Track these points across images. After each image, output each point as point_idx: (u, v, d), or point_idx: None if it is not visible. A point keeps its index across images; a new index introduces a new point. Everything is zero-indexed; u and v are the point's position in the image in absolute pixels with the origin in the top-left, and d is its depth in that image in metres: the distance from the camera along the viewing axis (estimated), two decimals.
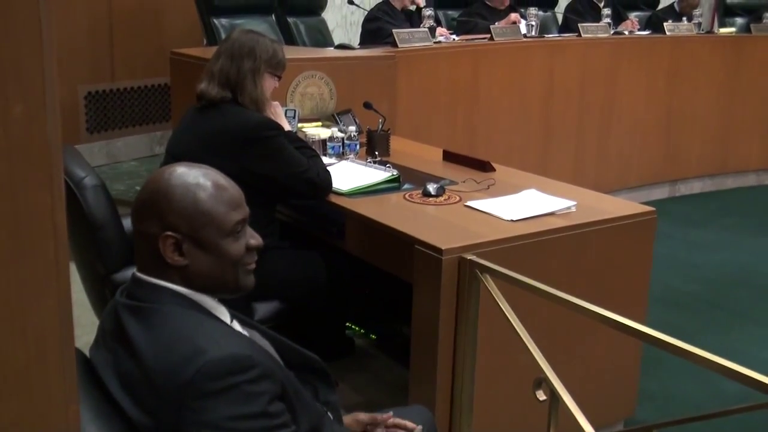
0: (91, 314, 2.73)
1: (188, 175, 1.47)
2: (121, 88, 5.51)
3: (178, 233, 1.43)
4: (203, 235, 1.45)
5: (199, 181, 1.47)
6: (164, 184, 1.45)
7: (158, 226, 1.43)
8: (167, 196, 1.44)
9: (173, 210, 1.44)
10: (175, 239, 1.43)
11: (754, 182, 6.59)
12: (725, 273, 4.63)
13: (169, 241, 1.43)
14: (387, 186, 2.80)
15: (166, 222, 1.43)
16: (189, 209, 1.44)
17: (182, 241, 1.43)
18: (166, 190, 1.45)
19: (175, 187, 1.45)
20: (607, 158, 5.62)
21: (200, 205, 1.45)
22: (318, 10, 5.70)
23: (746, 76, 6.22)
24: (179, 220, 1.43)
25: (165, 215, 1.43)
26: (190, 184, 1.46)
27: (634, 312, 2.33)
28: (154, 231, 1.43)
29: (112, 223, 2.51)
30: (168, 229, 1.43)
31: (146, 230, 1.45)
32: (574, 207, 2.56)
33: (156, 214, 1.44)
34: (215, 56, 2.72)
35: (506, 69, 4.96)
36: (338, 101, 3.69)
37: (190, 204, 1.44)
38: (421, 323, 2.31)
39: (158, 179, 1.47)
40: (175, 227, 1.43)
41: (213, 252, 1.46)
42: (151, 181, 1.48)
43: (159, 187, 1.45)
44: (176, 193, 1.44)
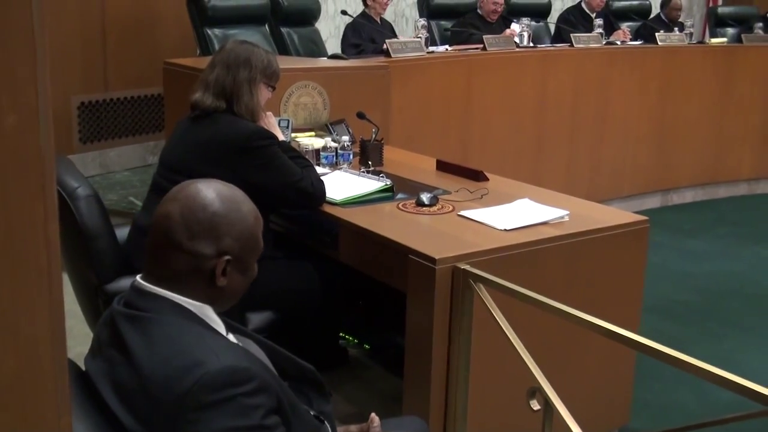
0: (84, 325, 2.72)
1: (237, 198, 1.50)
2: (114, 98, 5.50)
3: (232, 256, 1.46)
4: (248, 258, 1.50)
5: (249, 205, 1.51)
6: (221, 206, 1.46)
7: (213, 248, 1.44)
8: (228, 220, 1.46)
9: (231, 234, 1.46)
10: (227, 262, 1.45)
11: (745, 191, 6.61)
12: (718, 282, 4.64)
13: (223, 265, 1.45)
14: (380, 196, 2.80)
15: (224, 245, 1.45)
16: (245, 235, 1.48)
17: (231, 263, 1.46)
18: (227, 214, 1.46)
19: (233, 212, 1.47)
20: (600, 167, 5.64)
21: (252, 230, 1.50)
22: (311, 20, 5.71)
23: (738, 85, 6.25)
24: (235, 243, 1.46)
25: (222, 239, 1.45)
26: (242, 208, 1.49)
27: (627, 321, 2.33)
28: (207, 252, 1.44)
29: (105, 234, 2.50)
30: (225, 252, 1.45)
31: (195, 249, 1.43)
32: (567, 216, 2.56)
33: (214, 237, 1.44)
34: (210, 66, 2.72)
35: (499, 79, 4.98)
36: (332, 111, 3.69)
37: (246, 230, 1.48)
38: (414, 333, 2.31)
39: (212, 200, 1.46)
40: (230, 250, 1.45)
41: (247, 272, 1.52)
42: (201, 199, 1.46)
43: (216, 208, 1.45)
44: (235, 218, 1.47)
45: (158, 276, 1.45)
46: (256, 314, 2.64)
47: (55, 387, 0.84)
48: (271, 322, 2.67)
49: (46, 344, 0.82)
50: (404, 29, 6.99)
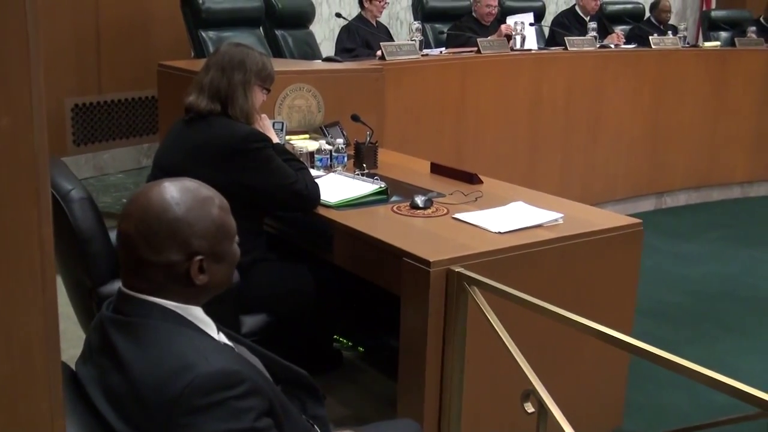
0: (78, 327, 2.71)
1: (189, 194, 1.46)
2: (108, 100, 5.49)
3: (203, 254, 1.44)
4: (221, 248, 1.48)
5: (203, 196, 1.47)
6: (176, 210, 1.42)
7: (183, 253, 1.42)
8: (187, 222, 1.43)
9: (196, 234, 1.43)
10: (200, 261, 1.44)
11: (739, 194, 6.63)
12: (711, 285, 4.65)
13: (197, 265, 1.43)
14: (375, 198, 2.80)
15: (192, 247, 1.43)
16: (209, 228, 1.45)
17: (204, 260, 1.44)
18: (183, 216, 1.43)
19: (189, 211, 1.43)
20: (594, 170, 5.65)
21: (216, 220, 1.47)
22: (306, 23, 5.71)
23: (731, 89, 6.27)
24: (202, 241, 1.44)
25: (189, 241, 1.42)
26: (197, 203, 1.45)
27: (621, 324, 2.33)
28: (178, 258, 1.42)
29: (99, 236, 2.49)
30: (195, 252, 1.43)
31: (165, 260, 1.42)
32: (561, 219, 2.57)
33: (179, 243, 1.42)
34: (204, 69, 2.72)
35: (493, 82, 4.98)
36: (326, 114, 3.69)
37: (209, 223, 1.45)
38: (409, 336, 2.31)
39: (164, 207, 1.43)
40: (199, 249, 1.44)
41: (227, 260, 1.50)
42: (153, 209, 1.43)
43: (172, 215, 1.42)
44: (193, 217, 1.44)
45: (138, 287, 1.44)
46: (250, 317, 2.64)
47: (48, 390, 0.84)
48: (265, 325, 2.67)
49: (40, 347, 0.82)
50: (399, 32, 7.00)
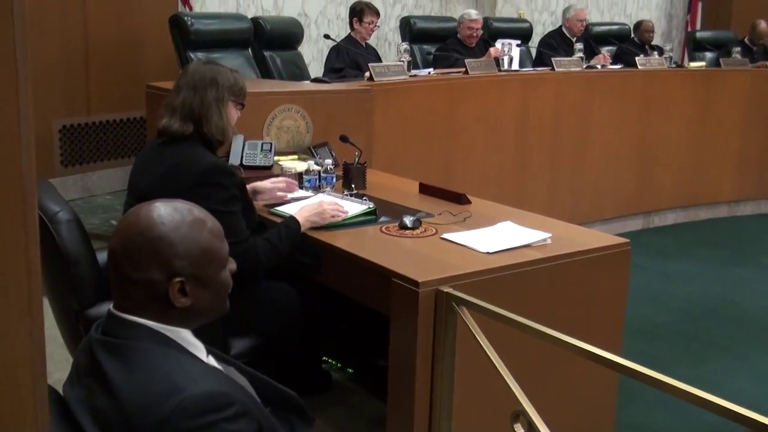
0: (65, 350, 2.69)
1: (178, 215, 1.45)
2: (96, 121, 5.49)
3: (184, 276, 1.42)
4: (206, 272, 1.46)
5: (193, 218, 1.46)
6: (160, 229, 1.42)
7: (163, 273, 1.41)
8: (169, 241, 1.42)
9: (178, 254, 1.42)
10: (181, 283, 1.42)
11: (725, 213, 6.67)
12: (700, 304, 4.66)
13: (177, 287, 1.42)
14: (363, 219, 2.80)
15: (173, 268, 1.42)
16: (194, 251, 1.43)
17: (186, 282, 1.43)
18: (166, 235, 1.42)
19: (173, 231, 1.43)
20: (582, 190, 5.67)
21: (202, 244, 1.45)
22: (294, 44, 5.74)
23: (716, 109, 6.32)
24: (184, 262, 1.42)
25: (170, 261, 1.41)
26: (185, 224, 1.44)
27: (610, 343, 2.33)
28: (158, 278, 1.41)
29: (87, 258, 2.48)
30: (175, 275, 1.42)
31: (146, 278, 1.41)
32: (550, 239, 2.57)
33: (159, 262, 1.41)
34: (175, 90, 2.66)
35: (481, 102, 5.01)
36: (315, 134, 3.70)
37: (194, 245, 1.44)
38: (398, 356, 2.30)
39: (149, 225, 1.42)
40: (180, 271, 1.42)
41: (213, 286, 1.48)
42: (138, 226, 1.43)
43: (155, 233, 1.42)
44: (177, 237, 1.42)
45: (125, 307, 1.44)
46: (239, 339, 2.63)
47: (34, 413, 0.83)
48: (254, 347, 2.66)
49: (27, 369, 0.82)
50: (387, 53, 7.04)
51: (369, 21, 5.60)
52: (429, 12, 7.51)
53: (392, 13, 7.24)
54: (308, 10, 6.71)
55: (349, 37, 5.67)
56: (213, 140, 2.65)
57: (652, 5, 9.17)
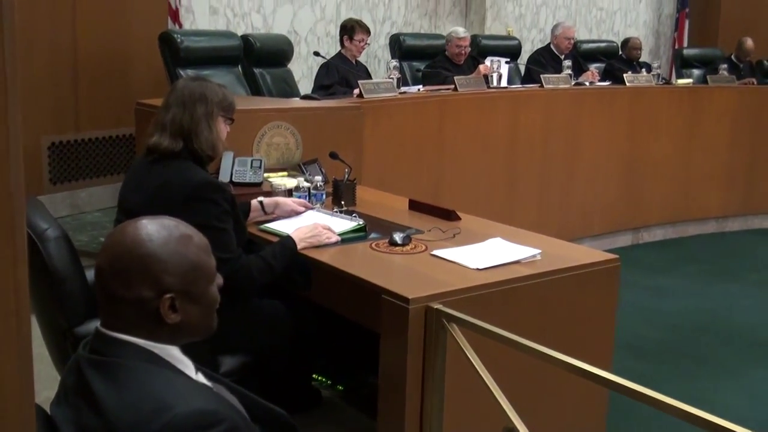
0: (52, 369, 2.67)
1: (165, 231, 1.45)
2: (85, 138, 5.47)
3: (174, 292, 1.42)
4: (195, 288, 1.46)
5: (180, 234, 1.46)
6: (148, 246, 1.42)
7: (153, 290, 1.41)
8: (158, 258, 1.41)
9: (167, 270, 1.42)
10: (171, 299, 1.42)
11: (714, 229, 6.70)
12: (689, 320, 4.68)
13: (167, 303, 1.42)
14: (353, 236, 2.79)
15: (163, 284, 1.41)
16: (183, 266, 1.43)
17: (177, 298, 1.43)
18: (154, 252, 1.42)
19: (161, 247, 1.42)
20: (571, 206, 5.69)
21: (191, 259, 1.45)
22: (284, 61, 5.75)
23: (704, 125, 6.37)
24: (173, 279, 1.42)
25: (160, 278, 1.41)
26: (173, 240, 1.44)
27: (600, 359, 2.33)
28: (148, 295, 1.41)
29: (75, 276, 2.47)
30: (166, 291, 1.42)
31: (136, 295, 1.41)
32: (539, 255, 2.58)
33: (149, 279, 1.41)
34: (164, 108, 2.66)
35: (471, 119, 5.03)
36: (304, 151, 3.70)
37: (183, 261, 1.44)
38: (388, 373, 2.30)
39: (136, 242, 1.42)
40: (170, 287, 1.42)
41: (202, 301, 1.48)
42: (126, 244, 1.43)
43: (144, 250, 1.41)
44: (165, 253, 1.42)
45: (113, 325, 1.43)
46: (228, 357, 2.61)
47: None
48: (243, 365, 2.64)
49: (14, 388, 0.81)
50: (377, 70, 7.06)
51: (360, 39, 5.63)
52: (418, 29, 7.56)
53: (382, 30, 7.28)
54: (298, 28, 6.73)
55: (340, 54, 5.70)
56: (203, 156, 2.65)
57: (640, 23, 9.25)
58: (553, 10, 8.49)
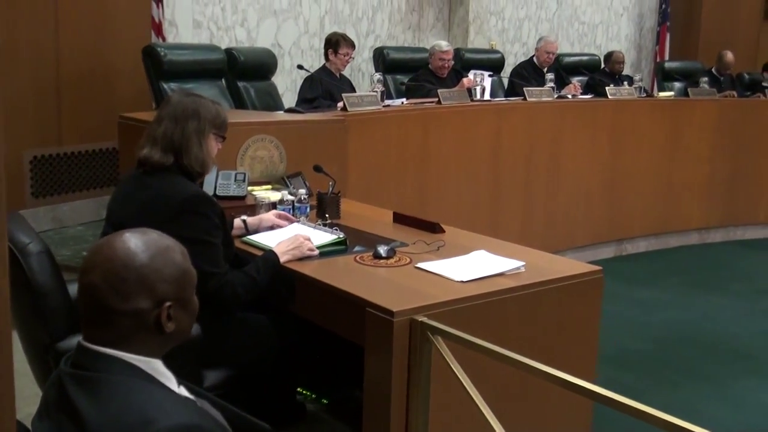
0: (34, 385, 2.65)
1: (153, 242, 1.47)
2: (68, 152, 5.45)
3: (170, 300, 1.44)
4: (187, 294, 1.49)
5: (166, 244, 1.48)
6: (142, 257, 1.43)
7: (151, 300, 1.42)
8: (154, 268, 1.43)
9: (164, 280, 1.43)
10: (169, 307, 1.44)
11: (696, 241, 6.75)
12: (672, 331, 4.70)
13: (166, 312, 1.43)
14: (333, 249, 2.79)
15: (159, 294, 1.43)
16: (175, 275, 1.46)
17: (172, 306, 1.44)
18: (150, 262, 1.43)
19: (154, 257, 1.44)
20: (554, 218, 5.71)
21: (181, 267, 1.48)
22: (268, 74, 5.75)
23: (685, 137, 6.42)
24: (169, 287, 1.44)
25: (157, 288, 1.42)
26: (161, 249, 1.46)
27: (584, 371, 2.34)
28: (146, 306, 1.42)
29: (57, 290, 2.45)
30: (163, 299, 1.43)
31: (134, 308, 1.41)
32: (523, 267, 2.59)
33: (146, 290, 1.42)
34: (156, 121, 2.66)
35: (455, 132, 5.04)
36: (288, 164, 3.70)
37: (175, 269, 1.46)
38: (373, 387, 2.29)
39: (130, 254, 1.43)
40: (166, 296, 1.44)
41: (190, 307, 1.50)
42: (119, 258, 1.43)
43: (139, 262, 1.42)
44: (159, 263, 1.44)
45: (103, 340, 1.43)
46: (212, 371, 2.60)
47: None
48: (227, 379, 2.63)
49: None
50: (360, 83, 7.08)
51: (344, 53, 5.64)
52: (402, 43, 7.59)
53: (365, 43, 7.30)
54: (282, 41, 6.75)
55: (324, 67, 5.71)
56: (192, 172, 2.64)
57: (622, 36, 9.33)
58: (536, 24, 8.56)
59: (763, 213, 6.98)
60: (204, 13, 6.28)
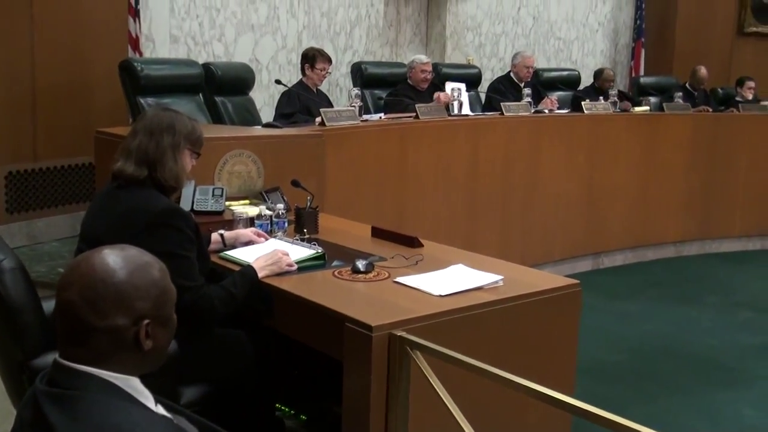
0: (8, 403, 2.62)
1: (131, 258, 1.45)
2: (43, 167, 5.41)
3: (149, 317, 1.42)
4: (165, 312, 1.47)
5: (145, 260, 1.47)
6: (120, 274, 1.41)
7: (129, 317, 1.40)
8: (133, 284, 1.41)
9: (142, 297, 1.42)
10: (147, 325, 1.42)
11: (672, 254, 6.80)
12: (650, 343, 4.72)
13: (144, 329, 1.41)
14: (311, 264, 2.78)
15: (139, 311, 1.41)
16: (154, 292, 1.44)
17: (150, 324, 1.43)
18: (128, 279, 1.41)
19: (132, 274, 1.42)
20: (532, 232, 5.74)
21: (160, 284, 1.46)
22: (245, 89, 5.74)
23: (661, 151, 6.49)
24: (147, 304, 1.42)
25: (135, 305, 1.41)
26: (140, 266, 1.44)
27: (562, 384, 2.34)
28: (124, 323, 1.40)
29: (32, 307, 2.42)
30: (142, 316, 1.41)
31: (111, 325, 1.39)
32: (502, 281, 2.59)
33: (124, 307, 1.40)
34: (131, 134, 2.64)
35: (432, 146, 5.06)
36: (266, 179, 3.69)
37: (153, 286, 1.44)
38: (352, 402, 2.28)
39: (107, 271, 1.41)
40: (145, 313, 1.42)
41: (169, 325, 1.49)
42: (97, 274, 1.41)
43: (117, 278, 1.41)
44: (138, 280, 1.42)
45: (80, 357, 1.41)
46: (189, 388, 2.58)
47: None
48: (205, 395, 2.61)
49: None
50: (338, 98, 7.09)
51: (321, 68, 5.65)
52: (380, 58, 7.62)
53: (343, 59, 7.32)
54: (260, 56, 6.75)
55: (301, 82, 5.71)
56: (166, 186, 2.62)
57: (597, 52, 9.42)
58: (512, 40, 8.62)
59: (738, 226, 7.05)
60: (181, 27, 6.27)
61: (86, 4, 5.60)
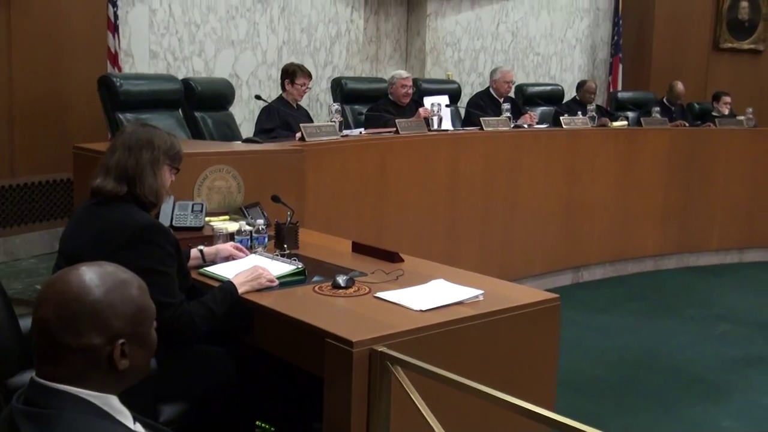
0: None
1: (108, 276, 1.43)
2: (21, 183, 5.36)
3: (124, 336, 1.41)
4: (142, 330, 1.45)
5: (123, 278, 1.45)
6: (95, 292, 1.40)
7: (104, 336, 1.39)
8: (108, 303, 1.39)
9: (117, 315, 1.40)
10: (122, 344, 1.40)
11: (651, 267, 6.84)
12: (630, 356, 4.74)
13: (119, 349, 1.40)
14: (292, 279, 2.78)
15: (114, 330, 1.39)
16: (130, 310, 1.42)
17: (126, 343, 1.41)
18: (104, 297, 1.39)
19: (109, 292, 1.41)
20: (512, 247, 5.75)
21: (137, 302, 1.44)
22: (225, 104, 5.74)
23: (639, 165, 6.54)
24: (122, 323, 1.41)
25: (110, 324, 1.39)
26: (117, 284, 1.43)
27: (542, 398, 2.35)
28: (99, 342, 1.38)
29: (8, 325, 2.40)
30: (117, 336, 1.40)
31: (86, 344, 1.38)
32: (482, 296, 2.60)
33: (99, 325, 1.38)
34: (110, 150, 2.63)
35: (412, 161, 5.07)
36: (246, 194, 3.68)
37: (130, 305, 1.43)
38: (332, 418, 2.27)
39: (83, 289, 1.39)
40: (120, 332, 1.40)
41: (147, 343, 1.47)
42: (72, 292, 1.39)
43: (93, 297, 1.39)
44: (114, 298, 1.40)
45: (56, 376, 1.39)
46: (168, 405, 2.55)
47: None
48: (184, 413, 2.59)
49: None
50: (318, 113, 7.10)
51: (301, 83, 5.65)
52: (360, 73, 7.63)
53: (324, 74, 7.33)
54: (239, 71, 6.75)
55: (281, 98, 5.71)
56: (146, 201, 2.61)
57: (575, 67, 9.49)
58: (492, 55, 8.67)
59: (716, 239, 7.12)
60: (160, 43, 6.26)
61: (65, 18, 5.57)
